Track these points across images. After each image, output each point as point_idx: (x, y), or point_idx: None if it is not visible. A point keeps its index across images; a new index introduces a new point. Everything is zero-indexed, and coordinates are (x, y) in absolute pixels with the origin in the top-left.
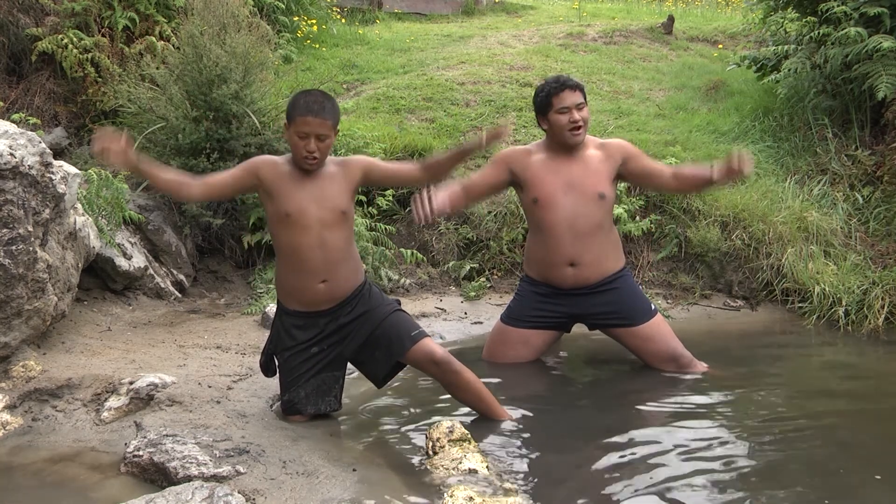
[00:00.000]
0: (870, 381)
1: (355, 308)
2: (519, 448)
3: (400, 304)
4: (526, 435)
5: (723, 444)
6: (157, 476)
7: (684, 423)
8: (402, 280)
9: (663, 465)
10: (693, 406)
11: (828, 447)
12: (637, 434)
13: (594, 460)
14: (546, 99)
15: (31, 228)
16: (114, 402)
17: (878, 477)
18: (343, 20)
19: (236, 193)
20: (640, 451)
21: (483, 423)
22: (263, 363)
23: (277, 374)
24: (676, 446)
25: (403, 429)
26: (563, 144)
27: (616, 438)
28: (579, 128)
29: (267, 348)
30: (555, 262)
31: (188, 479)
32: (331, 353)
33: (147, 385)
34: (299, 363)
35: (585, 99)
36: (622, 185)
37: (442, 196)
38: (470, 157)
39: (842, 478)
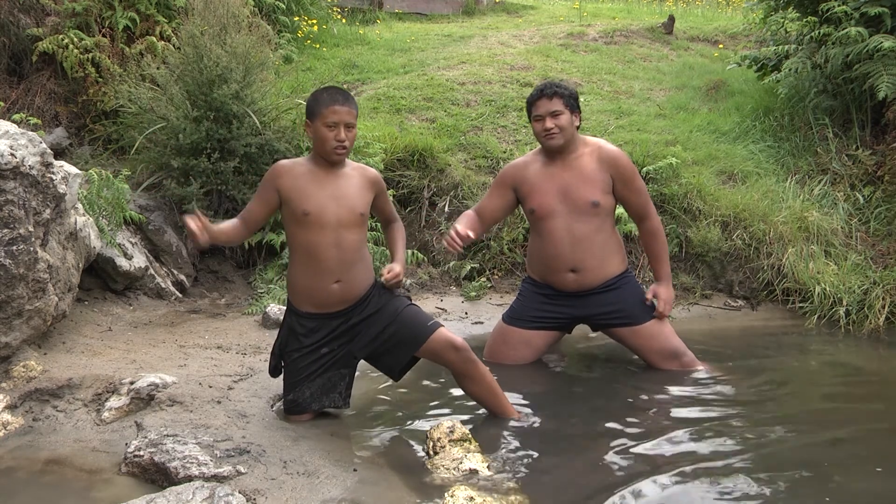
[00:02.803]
0: (870, 381)
1: (366, 308)
2: (519, 448)
3: (410, 299)
4: (526, 435)
5: (723, 443)
6: (158, 476)
7: (685, 423)
8: (403, 280)
9: (664, 464)
10: (693, 406)
11: (828, 445)
12: (638, 434)
13: (595, 460)
14: (528, 107)
15: (31, 228)
16: (114, 402)
17: (879, 469)
18: (343, 20)
19: (270, 213)
20: (641, 451)
21: (484, 424)
22: (273, 367)
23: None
24: (677, 446)
25: (404, 429)
26: (545, 149)
27: (616, 438)
28: (552, 135)
29: (275, 350)
30: (556, 267)
31: (189, 479)
32: (340, 353)
33: (148, 385)
34: (308, 364)
35: (571, 104)
36: None
37: (463, 225)
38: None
39: (842, 475)
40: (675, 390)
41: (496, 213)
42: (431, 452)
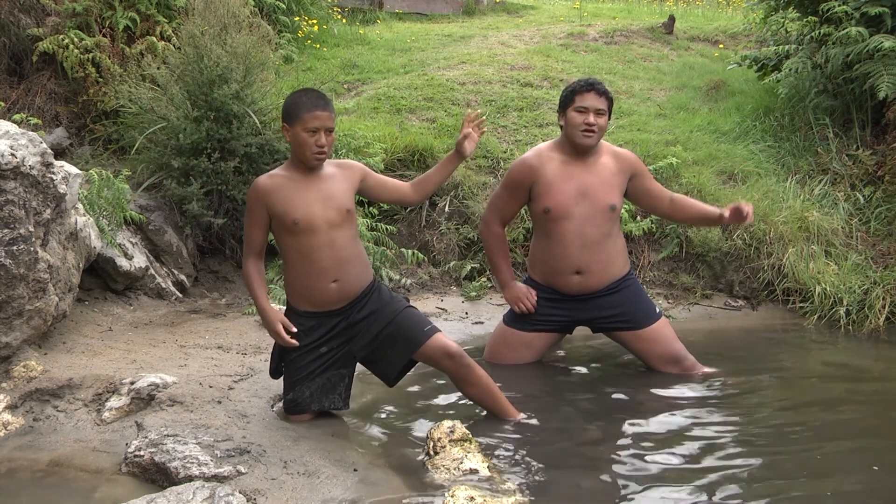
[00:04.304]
0: (870, 381)
1: (366, 306)
2: (520, 448)
3: (409, 301)
4: (527, 435)
5: (723, 444)
6: (158, 476)
7: (685, 423)
8: (403, 280)
9: (664, 464)
10: (693, 406)
11: (827, 444)
12: (638, 434)
13: (595, 460)
14: (570, 95)
15: (32, 228)
16: (115, 402)
17: (876, 467)
18: (344, 20)
19: (268, 231)
20: (641, 451)
21: (484, 424)
22: (273, 368)
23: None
24: (677, 445)
25: (404, 429)
26: (573, 144)
27: (616, 438)
28: (592, 131)
29: (275, 351)
30: (561, 269)
31: (189, 479)
32: (339, 352)
33: (148, 385)
34: (307, 363)
35: (610, 111)
36: None
37: (522, 290)
38: (458, 164)
39: (840, 473)
40: (674, 391)
41: (516, 213)
42: (432, 452)
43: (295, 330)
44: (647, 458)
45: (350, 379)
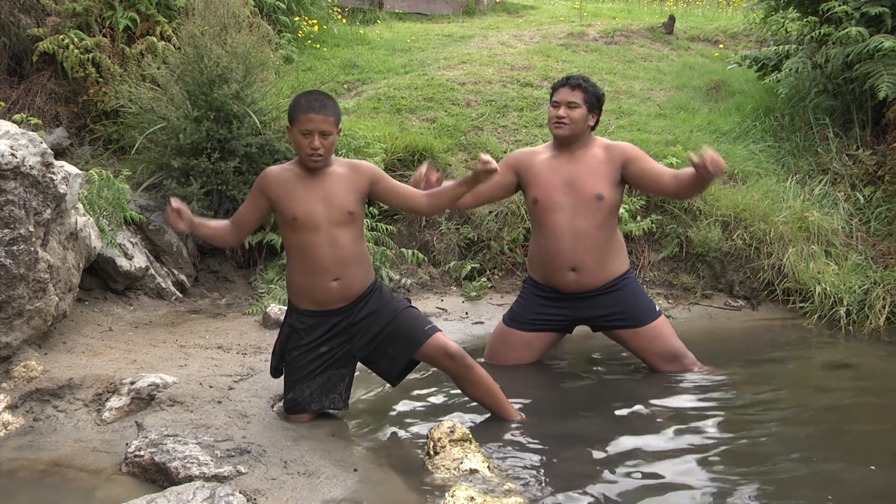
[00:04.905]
0: (870, 381)
1: (366, 306)
2: (520, 448)
3: (410, 301)
4: (527, 435)
5: (723, 443)
6: (159, 476)
7: (685, 423)
8: (404, 280)
9: (665, 464)
10: (694, 406)
11: (827, 444)
12: (638, 434)
13: (595, 460)
14: (551, 93)
15: (32, 229)
16: (115, 402)
17: (873, 467)
18: (344, 20)
19: (261, 218)
20: (642, 451)
21: (484, 424)
22: (274, 367)
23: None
24: (677, 446)
25: (404, 429)
26: (554, 138)
27: (617, 438)
28: (562, 123)
29: (276, 350)
30: (556, 266)
31: (189, 479)
32: (339, 352)
33: (148, 385)
34: (307, 362)
35: (590, 103)
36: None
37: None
38: (473, 187)
39: (840, 473)
40: (674, 390)
41: (493, 190)
42: (432, 452)
43: (185, 208)
44: (647, 457)
45: (350, 379)
